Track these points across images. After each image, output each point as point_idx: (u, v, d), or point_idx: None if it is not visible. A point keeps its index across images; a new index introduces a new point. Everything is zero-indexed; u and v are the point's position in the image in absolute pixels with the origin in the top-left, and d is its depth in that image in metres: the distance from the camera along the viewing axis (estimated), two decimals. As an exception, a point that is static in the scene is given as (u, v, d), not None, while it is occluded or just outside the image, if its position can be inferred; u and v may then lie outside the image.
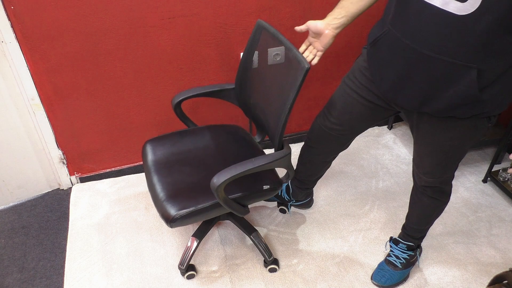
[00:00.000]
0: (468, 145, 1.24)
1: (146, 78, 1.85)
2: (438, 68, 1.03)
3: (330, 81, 2.19)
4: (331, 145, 1.55)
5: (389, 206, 1.97)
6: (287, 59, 1.33)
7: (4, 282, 1.65)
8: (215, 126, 1.73)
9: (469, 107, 1.08)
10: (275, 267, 1.67)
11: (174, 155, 1.58)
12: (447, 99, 1.07)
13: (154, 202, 1.44)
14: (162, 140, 1.64)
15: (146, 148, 1.62)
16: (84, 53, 1.70)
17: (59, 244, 1.81)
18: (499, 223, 1.89)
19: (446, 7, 0.95)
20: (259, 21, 1.47)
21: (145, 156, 1.60)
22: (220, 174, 1.27)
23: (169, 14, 1.70)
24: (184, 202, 1.38)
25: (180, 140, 1.64)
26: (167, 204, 1.38)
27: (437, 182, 1.39)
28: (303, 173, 1.73)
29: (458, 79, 1.03)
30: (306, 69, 1.21)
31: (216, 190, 1.27)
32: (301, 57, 1.25)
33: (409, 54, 1.06)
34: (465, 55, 0.98)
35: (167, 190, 1.43)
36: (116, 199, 2.02)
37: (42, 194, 2.06)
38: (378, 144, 2.36)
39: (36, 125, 1.84)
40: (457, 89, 1.04)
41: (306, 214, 1.93)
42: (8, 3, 1.50)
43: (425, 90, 1.09)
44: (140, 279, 1.65)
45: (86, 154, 2.02)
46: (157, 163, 1.55)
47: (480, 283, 1.64)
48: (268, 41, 1.45)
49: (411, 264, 1.65)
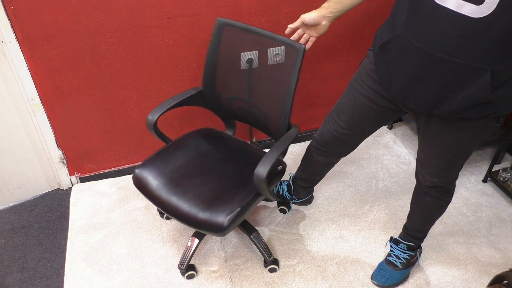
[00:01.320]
0: (475, 145, 1.24)
1: (146, 78, 1.85)
2: (451, 70, 1.03)
3: (330, 80, 2.18)
4: (340, 149, 1.55)
5: (389, 206, 1.97)
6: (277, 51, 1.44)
7: (4, 282, 1.65)
8: (191, 134, 1.72)
9: (481, 108, 1.08)
10: (275, 267, 1.67)
11: (174, 172, 1.54)
12: (459, 101, 1.07)
13: (189, 222, 1.40)
14: (152, 163, 1.56)
15: (142, 175, 1.51)
16: (84, 53, 1.70)
17: (59, 244, 1.81)
18: (499, 223, 1.89)
19: (461, 9, 0.95)
20: (218, 19, 1.50)
21: (145, 184, 1.50)
22: (262, 164, 1.31)
23: (169, 14, 1.70)
24: (225, 206, 1.39)
25: (169, 157, 1.59)
26: (210, 216, 1.37)
27: (442, 182, 1.39)
28: (308, 173, 1.73)
29: (471, 81, 1.02)
30: (303, 49, 1.28)
31: (263, 181, 1.31)
32: (292, 42, 1.34)
33: (421, 57, 1.06)
34: (479, 57, 0.98)
35: (197, 205, 1.41)
36: (116, 199, 2.02)
37: (42, 194, 2.06)
38: (378, 144, 2.36)
39: (36, 125, 1.84)
40: (469, 90, 1.04)
41: (306, 214, 1.93)
42: (8, 3, 1.50)
43: (437, 92, 1.09)
44: (140, 279, 1.65)
45: (86, 154, 2.02)
46: (165, 185, 1.49)
47: (480, 283, 1.64)
48: (238, 36, 1.48)
49: (411, 264, 1.65)
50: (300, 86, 2.17)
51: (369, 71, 1.30)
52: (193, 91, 1.65)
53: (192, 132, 1.73)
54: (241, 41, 1.50)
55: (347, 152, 1.59)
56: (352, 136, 1.46)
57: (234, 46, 1.53)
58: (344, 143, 1.51)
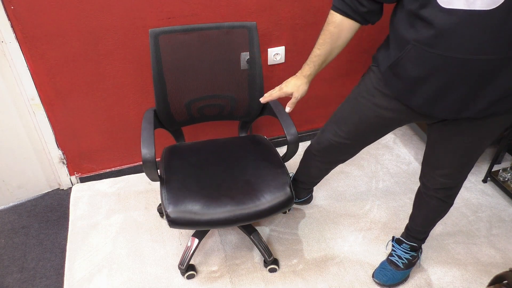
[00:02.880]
0: (491, 140, 1.24)
1: (146, 78, 1.85)
2: (476, 68, 1.01)
3: (329, 81, 2.19)
4: (340, 156, 1.54)
5: (389, 206, 1.97)
6: (225, 33, 1.53)
7: (4, 282, 1.65)
8: (166, 155, 1.64)
9: (506, 100, 1.07)
10: (275, 267, 1.67)
11: (202, 190, 1.47)
12: (487, 97, 1.05)
13: (258, 216, 1.42)
14: (176, 197, 1.43)
15: (180, 211, 1.39)
16: (84, 53, 1.70)
17: (59, 244, 1.81)
18: (499, 223, 1.89)
19: (473, 6, 0.93)
20: (150, 31, 1.45)
21: (190, 217, 1.38)
22: (288, 126, 1.48)
23: (169, 14, 1.70)
24: (277, 181, 1.49)
25: (179, 182, 1.49)
26: (273, 196, 1.44)
27: (453, 184, 1.37)
28: (307, 176, 1.73)
29: (497, 74, 1.01)
30: (254, 25, 1.51)
31: (298, 139, 1.49)
32: (239, 23, 1.53)
33: (443, 63, 1.03)
34: (501, 48, 0.96)
35: (251, 198, 1.44)
36: (116, 199, 2.02)
37: (42, 194, 2.06)
38: (378, 144, 2.36)
39: (36, 125, 1.84)
40: (496, 83, 1.02)
41: (306, 214, 1.93)
42: (8, 3, 1.50)
43: (465, 94, 1.06)
44: (140, 279, 1.65)
45: (86, 154, 2.02)
46: (207, 205, 1.41)
47: (480, 283, 1.64)
48: (179, 39, 1.49)
49: (412, 264, 1.65)
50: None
51: (378, 86, 1.26)
52: (151, 113, 1.55)
53: (164, 157, 1.62)
54: (181, 43, 1.50)
55: (344, 160, 1.57)
56: (352, 146, 1.45)
57: (176, 52, 1.51)
58: (344, 151, 1.50)
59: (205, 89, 1.62)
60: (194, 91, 1.62)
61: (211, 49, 1.55)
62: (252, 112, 1.70)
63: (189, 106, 1.64)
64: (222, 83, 1.62)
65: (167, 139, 1.96)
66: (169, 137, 1.82)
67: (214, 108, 1.69)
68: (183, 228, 1.40)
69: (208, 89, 1.63)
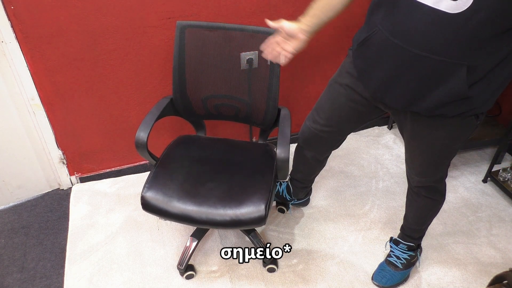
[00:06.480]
0: (458, 144, 1.25)
1: (146, 78, 1.85)
2: (428, 66, 1.03)
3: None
4: (321, 146, 1.56)
5: (389, 206, 1.97)
6: (250, 36, 1.51)
7: (4, 282, 1.65)
8: (172, 146, 1.67)
9: (457, 104, 1.08)
10: (273, 267, 1.67)
11: (184, 184, 1.50)
12: (436, 97, 1.07)
13: (226, 225, 1.40)
14: (156, 183, 1.48)
15: (152, 197, 1.44)
16: (84, 53, 1.70)
17: (59, 244, 1.81)
18: (499, 223, 1.89)
19: (438, 5, 0.95)
20: (178, 22, 1.52)
21: (160, 204, 1.43)
22: (281, 147, 1.41)
23: (169, 14, 1.70)
24: (256, 196, 1.44)
25: (169, 172, 1.53)
26: (248, 210, 1.40)
27: (430, 182, 1.39)
28: (299, 172, 1.74)
29: (447, 77, 1.03)
30: None
31: (287, 160, 1.40)
32: (263, 28, 1.46)
33: (398, 53, 1.06)
34: (456, 53, 0.98)
35: (226, 206, 1.43)
36: (116, 199, 2.02)
37: (42, 194, 2.06)
38: (378, 144, 2.36)
39: (36, 125, 1.84)
40: (446, 86, 1.04)
41: (306, 214, 1.93)
42: (8, 3, 1.50)
43: (414, 89, 1.09)
44: (140, 279, 1.65)
45: (86, 154, 2.02)
46: (182, 198, 1.44)
47: (480, 283, 1.64)
48: (204, 35, 1.52)
49: (411, 264, 1.65)
50: (299, 86, 2.17)
51: (349, 70, 1.30)
52: (166, 101, 1.61)
53: (172, 144, 1.68)
54: (206, 39, 1.53)
55: (329, 150, 1.59)
56: (331, 133, 1.47)
57: (200, 46, 1.54)
58: (325, 140, 1.51)
59: (222, 88, 1.62)
60: (211, 88, 1.62)
61: (232, 50, 1.55)
62: (266, 121, 1.65)
63: (206, 102, 1.65)
64: (238, 85, 1.60)
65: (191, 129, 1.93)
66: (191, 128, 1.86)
67: (230, 109, 1.68)
68: (153, 214, 1.44)
69: (225, 88, 1.62)
